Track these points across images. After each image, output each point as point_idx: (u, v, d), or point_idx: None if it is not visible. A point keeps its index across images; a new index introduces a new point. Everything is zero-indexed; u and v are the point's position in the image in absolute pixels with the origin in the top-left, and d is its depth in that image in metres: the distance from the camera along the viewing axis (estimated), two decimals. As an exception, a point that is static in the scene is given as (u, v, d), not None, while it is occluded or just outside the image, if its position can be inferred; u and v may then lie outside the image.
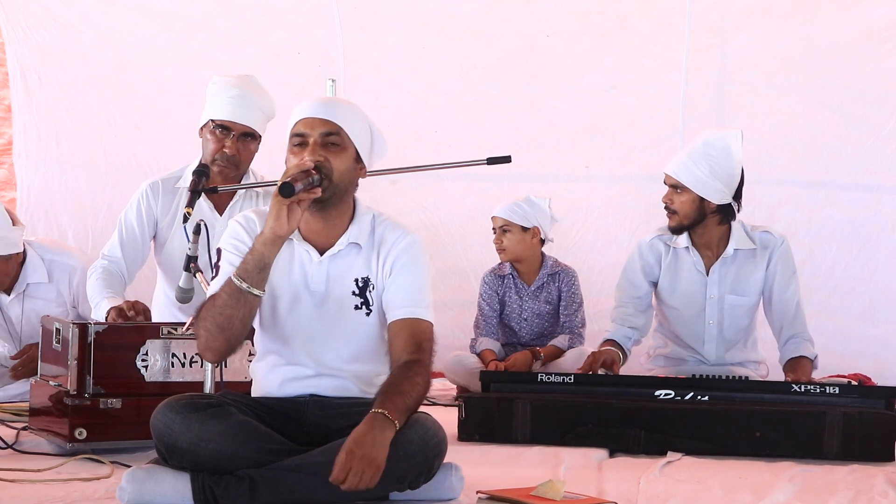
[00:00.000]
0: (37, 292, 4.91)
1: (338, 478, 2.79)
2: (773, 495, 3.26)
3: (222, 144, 4.33)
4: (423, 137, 6.09)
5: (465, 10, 6.27)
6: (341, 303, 3.14)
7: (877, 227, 6.00)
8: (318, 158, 3.05)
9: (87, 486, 3.20)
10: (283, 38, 6.29)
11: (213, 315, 2.97)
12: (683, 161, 4.64)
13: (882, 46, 5.94)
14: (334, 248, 3.16)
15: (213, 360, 3.15)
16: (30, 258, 4.89)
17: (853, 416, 3.92)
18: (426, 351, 3.09)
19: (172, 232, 4.44)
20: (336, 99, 3.23)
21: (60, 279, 4.91)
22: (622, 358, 4.66)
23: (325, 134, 3.10)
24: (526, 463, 3.77)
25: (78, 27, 6.27)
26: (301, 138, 3.11)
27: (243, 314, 2.97)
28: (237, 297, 2.95)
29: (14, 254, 4.80)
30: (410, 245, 3.19)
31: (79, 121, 6.29)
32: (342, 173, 3.10)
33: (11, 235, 4.75)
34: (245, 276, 2.95)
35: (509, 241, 5.39)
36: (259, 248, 2.96)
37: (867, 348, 5.88)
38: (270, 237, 2.95)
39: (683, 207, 4.65)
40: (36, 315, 4.79)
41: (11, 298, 4.90)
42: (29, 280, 4.87)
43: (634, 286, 4.80)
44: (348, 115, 3.15)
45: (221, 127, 4.34)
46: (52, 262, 4.92)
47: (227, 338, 2.99)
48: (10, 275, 4.84)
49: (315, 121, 3.11)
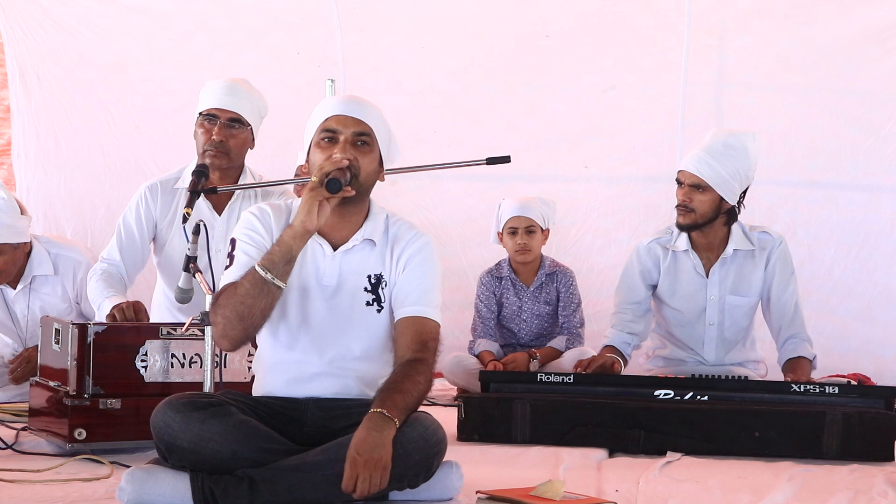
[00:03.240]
0: (42, 286, 4.93)
1: (347, 487, 2.80)
2: (773, 495, 3.26)
3: (210, 133, 4.34)
4: (422, 138, 6.09)
5: (464, 10, 6.27)
6: (353, 298, 3.15)
7: (876, 227, 6.01)
8: (350, 157, 3.06)
9: (87, 487, 3.20)
10: (282, 38, 6.30)
11: (234, 304, 2.97)
12: (706, 160, 4.57)
13: (881, 47, 5.95)
14: (348, 243, 3.17)
15: (228, 349, 3.13)
16: (36, 251, 4.91)
17: (853, 416, 3.92)
18: (431, 350, 3.10)
19: (172, 233, 4.44)
20: (365, 99, 3.22)
21: (65, 273, 4.93)
22: (623, 364, 4.66)
23: (357, 133, 3.12)
24: (525, 463, 3.77)
25: (77, 28, 6.28)
26: (332, 134, 3.12)
27: (264, 305, 2.98)
28: (260, 288, 2.96)
29: (21, 244, 4.83)
30: (424, 245, 3.21)
31: (77, 121, 6.30)
32: (368, 174, 3.13)
33: (19, 224, 4.78)
34: (271, 266, 2.96)
35: (535, 242, 5.37)
36: (287, 241, 2.97)
37: (866, 348, 5.89)
38: (300, 231, 2.96)
39: (702, 207, 4.62)
40: (41, 310, 4.84)
41: (17, 292, 4.92)
42: (35, 272, 4.90)
43: (633, 291, 4.80)
44: (377, 117, 3.18)
45: (208, 115, 4.35)
46: (58, 256, 4.95)
47: (245, 327, 2.99)
48: (17, 265, 4.86)
49: (348, 119, 3.12)
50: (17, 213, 4.78)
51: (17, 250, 4.82)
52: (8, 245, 4.77)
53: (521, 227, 5.36)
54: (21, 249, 4.85)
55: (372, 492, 2.80)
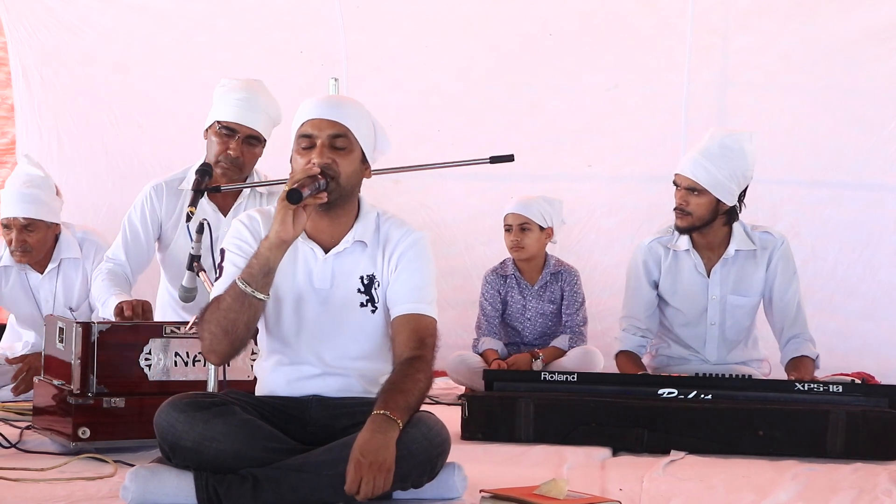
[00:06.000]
0: (69, 270, 5.02)
1: (351, 489, 2.80)
2: (777, 494, 3.26)
3: (227, 146, 4.33)
4: (425, 137, 6.08)
5: (467, 9, 6.26)
6: (346, 300, 3.14)
7: (879, 226, 6.00)
8: (326, 161, 3.05)
9: (91, 486, 3.21)
10: (284, 38, 6.29)
11: (218, 318, 2.97)
12: (701, 163, 4.57)
13: (883, 46, 5.94)
14: (339, 245, 3.16)
15: (216, 363, 3.15)
16: (64, 234, 5.02)
17: (856, 415, 3.91)
18: (429, 347, 3.09)
19: (177, 233, 4.44)
20: (342, 98, 3.21)
21: (88, 255, 5.02)
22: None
23: (332, 136, 3.09)
24: (529, 462, 3.77)
25: (79, 27, 6.28)
26: (308, 140, 3.10)
27: (248, 318, 2.96)
28: (242, 301, 2.94)
29: (53, 225, 4.94)
30: (416, 242, 3.19)
31: (80, 120, 6.30)
32: (349, 175, 3.10)
33: (54, 204, 4.93)
34: (250, 280, 2.94)
35: (530, 240, 5.35)
36: (264, 253, 2.95)
37: (869, 347, 5.88)
38: (276, 242, 2.94)
39: (699, 209, 4.61)
40: (64, 295, 4.97)
41: (42, 277, 5.01)
42: (63, 255, 5.00)
43: (638, 291, 4.79)
44: (355, 115, 3.14)
45: (227, 129, 4.34)
46: (84, 240, 5.06)
47: (231, 341, 2.98)
48: (45, 246, 4.96)
49: (323, 122, 3.10)
50: (53, 193, 4.93)
51: (48, 230, 4.94)
52: (42, 223, 4.89)
53: (516, 225, 5.35)
54: (52, 231, 4.96)
55: (375, 494, 2.80)
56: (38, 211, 4.87)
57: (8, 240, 4.93)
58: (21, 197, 4.86)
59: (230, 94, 4.36)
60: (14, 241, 4.88)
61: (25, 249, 4.89)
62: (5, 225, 4.91)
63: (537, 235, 5.36)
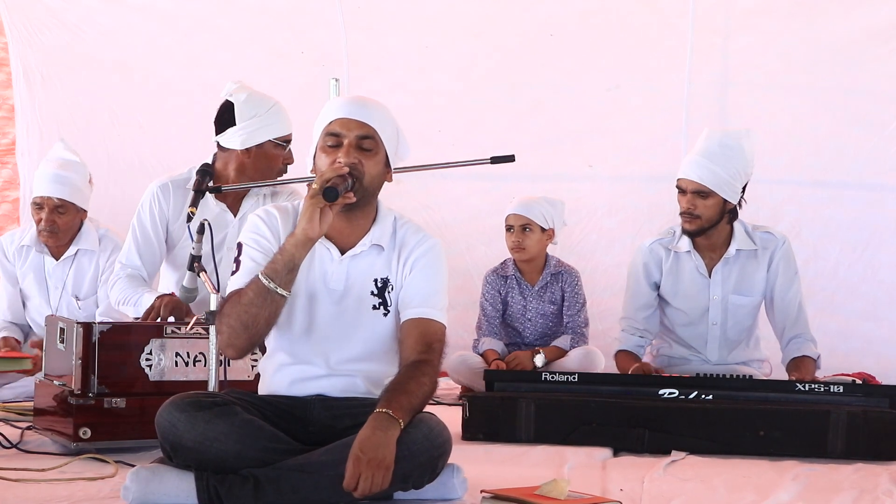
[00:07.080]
0: (83, 260, 5.10)
1: (349, 485, 2.79)
2: (777, 494, 3.26)
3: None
4: (426, 137, 6.06)
5: (467, 9, 6.27)
6: (359, 302, 3.14)
7: (880, 226, 6.00)
8: (353, 161, 3.04)
9: (92, 486, 3.20)
10: (286, 38, 6.29)
11: (238, 313, 2.96)
12: (705, 165, 4.56)
13: (885, 46, 5.94)
14: (356, 248, 3.15)
15: (234, 357, 3.12)
16: (87, 225, 5.12)
17: (857, 415, 3.91)
18: (436, 352, 3.09)
19: (184, 234, 4.40)
20: (371, 100, 3.18)
21: (105, 250, 5.10)
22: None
23: (360, 136, 3.09)
24: (530, 462, 3.77)
25: (81, 27, 6.28)
26: (336, 138, 3.10)
27: (269, 313, 2.96)
28: (264, 297, 2.94)
29: (81, 211, 5.04)
30: (431, 248, 3.21)
31: (81, 120, 6.30)
32: (373, 177, 3.10)
33: (86, 190, 5.04)
34: (273, 275, 2.94)
35: (531, 241, 5.35)
36: (289, 249, 2.95)
37: (870, 347, 5.88)
38: (302, 239, 2.94)
39: (708, 212, 4.60)
40: (73, 284, 5.06)
41: (57, 263, 5.10)
42: (81, 245, 5.09)
43: (639, 293, 4.80)
44: (382, 117, 3.14)
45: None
46: (104, 237, 5.15)
47: (249, 336, 2.98)
48: (71, 231, 5.06)
49: (351, 122, 3.10)
50: (87, 181, 5.02)
51: (77, 215, 5.05)
52: (73, 206, 5.00)
53: (517, 225, 5.36)
54: (80, 217, 5.06)
55: (373, 491, 2.80)
56: (72, 194, 4.98)
57: (37, 219, 5.03)
58: (56, 178, 4.97)
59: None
60: (44, 220, 4.99)
61: (53, 230, 5.00)
62: (37, 204, 4.99)
63: (538, 236, 5.36)
